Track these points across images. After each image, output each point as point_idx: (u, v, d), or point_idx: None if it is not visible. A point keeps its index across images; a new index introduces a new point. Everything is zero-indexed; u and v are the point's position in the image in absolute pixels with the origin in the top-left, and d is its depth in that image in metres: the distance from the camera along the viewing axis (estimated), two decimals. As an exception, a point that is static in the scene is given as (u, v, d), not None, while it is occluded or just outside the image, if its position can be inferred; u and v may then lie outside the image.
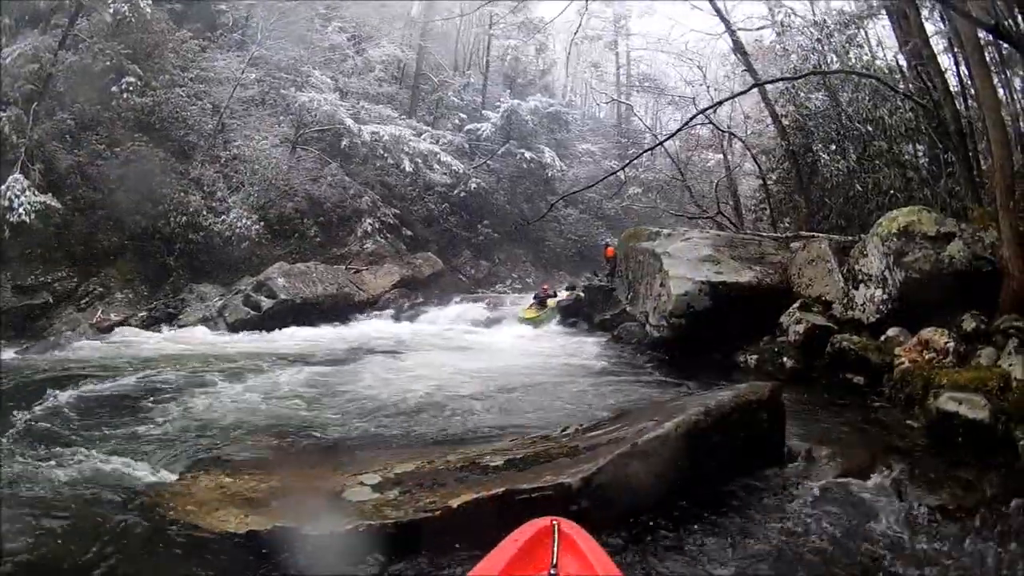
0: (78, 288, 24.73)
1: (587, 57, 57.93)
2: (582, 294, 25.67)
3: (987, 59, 13.66)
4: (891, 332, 11.43)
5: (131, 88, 26.82)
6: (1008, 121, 16.47)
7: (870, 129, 19.79)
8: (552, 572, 3.82)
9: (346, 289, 28.64)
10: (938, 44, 17.55)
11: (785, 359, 12.96)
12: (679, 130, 22.56)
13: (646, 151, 27.45)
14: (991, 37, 12.36)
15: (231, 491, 6.46)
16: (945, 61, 17.62)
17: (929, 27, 16.73)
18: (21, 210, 21.93)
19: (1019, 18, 12.07)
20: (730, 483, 6.72)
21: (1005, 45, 13.58)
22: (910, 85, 18.12)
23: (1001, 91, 18.13)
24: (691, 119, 21.18)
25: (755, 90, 21.66)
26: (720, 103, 23.06)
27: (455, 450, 7.62)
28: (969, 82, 15.68)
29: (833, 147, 22.02)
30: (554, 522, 4.29)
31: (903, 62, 19.33)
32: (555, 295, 27.00)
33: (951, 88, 16.26)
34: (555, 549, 4.01)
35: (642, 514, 6.05)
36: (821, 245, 14.86)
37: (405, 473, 6.72)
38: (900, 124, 18.64)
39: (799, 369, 12.60)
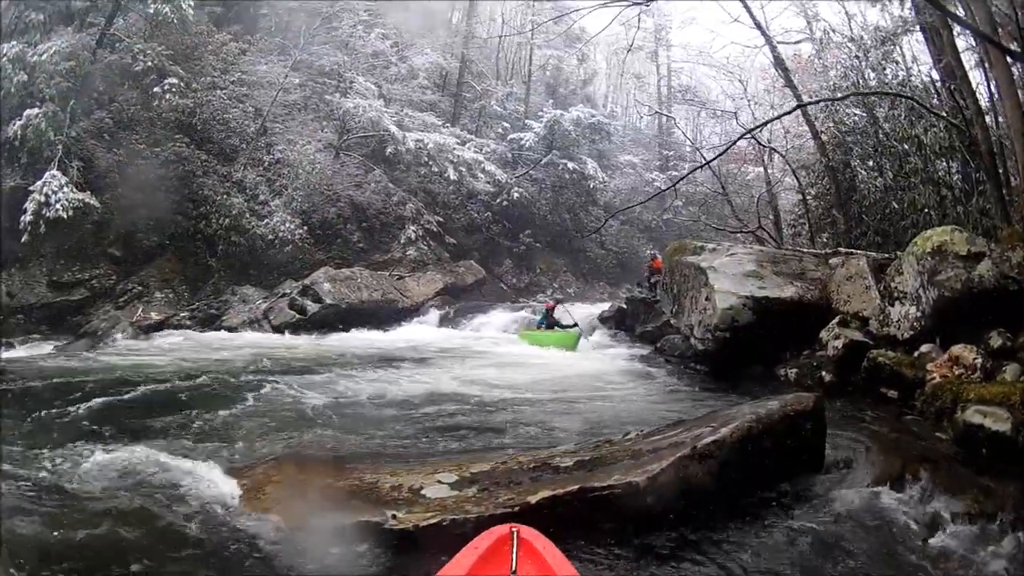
0: (116, 286, 25.24)
1: (629, 68, 57.87)
2: (624, 305, 25.81)
3: (1015, 78, 13.98)
4: (924, 348, 11.70)
5: (173, 89, 27.08)
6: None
7: (906, 147, 19.85)
8: None
9: (390, 295, 28.84)
10: (970, 60, 17.79)
11: (824, 373, 13.25)
12: (726, 149, 22.70)
13: (694, 170, 27.00)
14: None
15: (308, 487, 6.80)
16: (977, 76, 17.87)
17: (960, 43, 16.88)
18: (59, 206, 22.39)
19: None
20: (778, 487, 7.16)
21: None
22: (943, 103, 18.35)
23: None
24: (739, 138, 21.25)
25: (793, 102, 21.99)
26: (766, 123, 23.13)
27: (525, 452, 7.99)
28: (999, 101, 15.97)
29: (870, 164, 22.09)
30: (513, 529, 4.53)
31: (937, 77, 19.56)
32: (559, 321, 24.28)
33: (983, 106, 16.50)
34: (514, 555, 4.26)
35: (700, 513, 6.51)
36: (859, 262, 15.12)
37: (481, 472, 7.07)
38: (935, 142, 18.76)
39: (836, 383, 12.86)
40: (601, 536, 6.09)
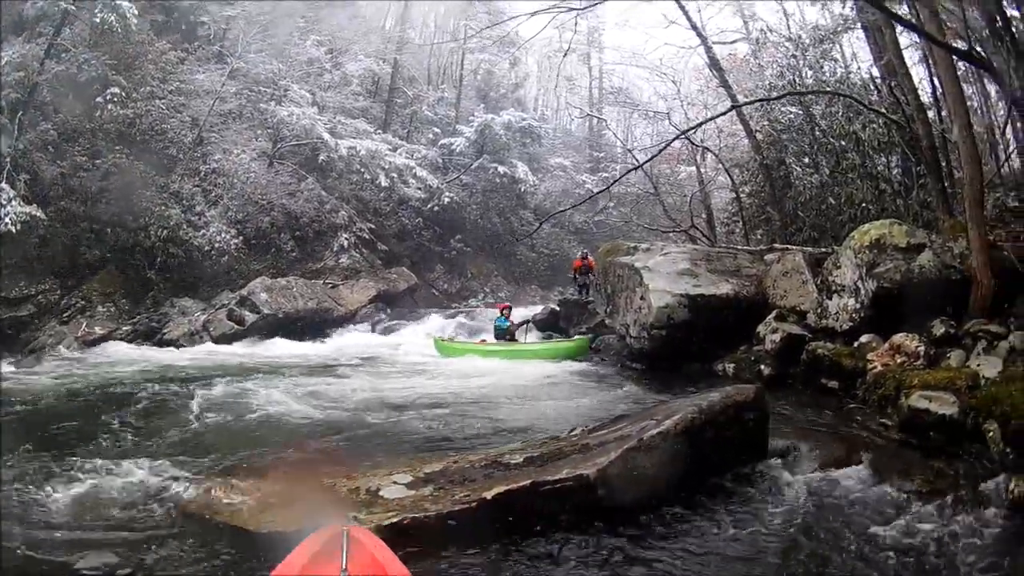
0: (60, 301, 24.81)
1: (561, 71, 57.78)
2: (557, 307, 25.67)
3: (960, 75, 14.04)
4: (864, 338, 11.80)
5: (114, 99, 26.84)
6: (983, 133, 16.89)
7: (843, 143, 20.07)
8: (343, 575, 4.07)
9: (325, 304, 28.91)
10: (912, 56, 17.92)
11: (762, 366, 13.44)
12: (661, 151, 22.50)
13: (628, 172, 27.06)
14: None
15: (270, 493, 6.85)
16: (920, 71, 18.03)
17: (903, 39, 17.08)
18: (8, 220, 21.89)
19: (991, 42, 12.49)
20: (722, 475, 7.24)
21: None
22: (883, 99, 18.46)
23: (976, 101, 18.52)
24: (673, 139, 21.17)
25: (728, 102, 22.01)
26: (701, 124, 22.92)
27: (474, 451, 8.19)
28: (942, 97, 16.10)
29: (806, 160, 22.40)
30: (344, 528, 4.57)
31: (877, 73, 19.70)
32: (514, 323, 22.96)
33: (925, 98, 16.67)
34: (344, 554, 4.25)
35: (648, 502, 6.61)
36: (795, 257, 15.34)
37: (434, 472, 7.21)
38: (873, 138, 18.98)
39: (775, 375, 13.02)
40: (555, 528, 6.21)
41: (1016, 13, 13.34)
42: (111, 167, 26.91)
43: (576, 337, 21.04)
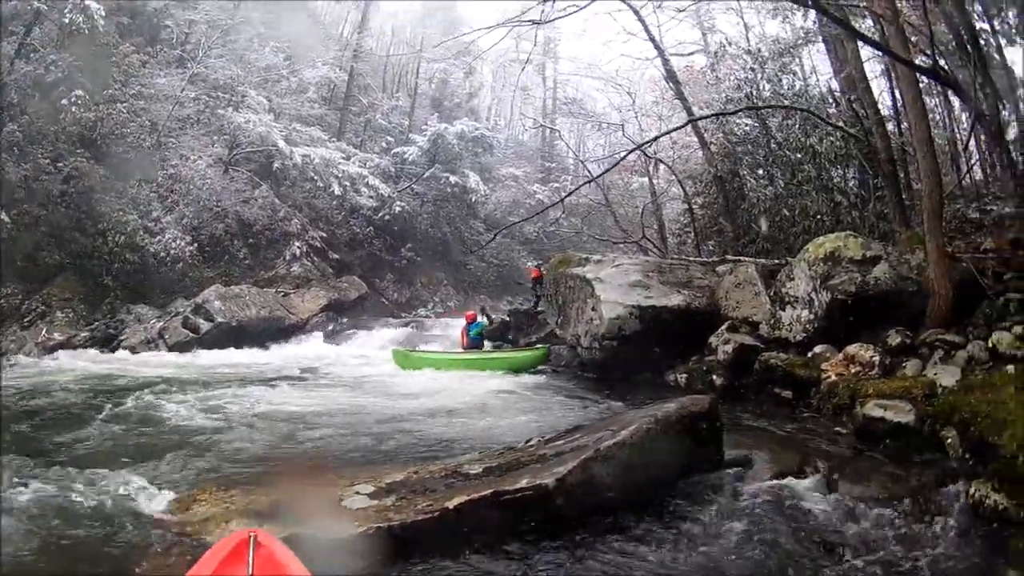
0: (22, 305, 24.45)
1: (515, 80, 57.66)
2: (508, 318, 25.73)
3: (923, 88, 14.05)
4: (818, 349, 11.99)
5: (79, 101, 26.49)
6: (944, 145, 16.87)
7: (799, 156, 20.18)
8: None
9: (277, 312, 28.80)
10: (874, 68, 17.94)
11: (714, 376, 13.58)
12: (616, 164, 22.48)
13: (583, 185, 27.23)
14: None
15: (234, 506, 6.75)
16: (881, 83, 18.13)
17: (865, 52, 17.19)
18: (-28, 223, 21.21)
19: (957, 56, 12.51)
20: (678, 483, 7.25)
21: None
22: (842, 112, 18.72)
23: (939, 113, 18.53)
24: (628, 152, 21.18)
25: (684, 114, 21.99)
26: (657, 138, 23.02)
27: (433, 462, 8.19)
28: (903, 109, 16.14)
29: (761, 172, 22.52)
30: (251, 534, 4.64)
31: (836, 86, 19.94)
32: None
33: (885, 110, 16.79)
34: (251, 557, 4.40)
35: (605, 511, 6.59)
36: (748, 269, 15.63)
37: (395, 482, 7.17)
38: (830, 151, 19.03)
39: (728, 386, 13.18)
40: (516, 536, 6.22)
41: (986, 27, 13.41)
42: (72, 170, 26.69)
43: (538, 346, 20.48)
